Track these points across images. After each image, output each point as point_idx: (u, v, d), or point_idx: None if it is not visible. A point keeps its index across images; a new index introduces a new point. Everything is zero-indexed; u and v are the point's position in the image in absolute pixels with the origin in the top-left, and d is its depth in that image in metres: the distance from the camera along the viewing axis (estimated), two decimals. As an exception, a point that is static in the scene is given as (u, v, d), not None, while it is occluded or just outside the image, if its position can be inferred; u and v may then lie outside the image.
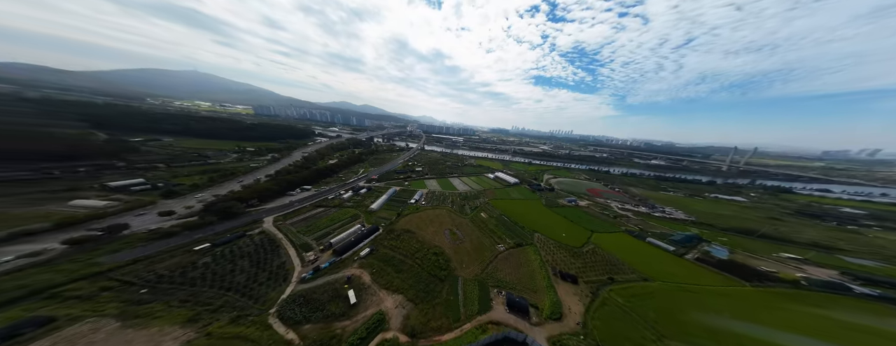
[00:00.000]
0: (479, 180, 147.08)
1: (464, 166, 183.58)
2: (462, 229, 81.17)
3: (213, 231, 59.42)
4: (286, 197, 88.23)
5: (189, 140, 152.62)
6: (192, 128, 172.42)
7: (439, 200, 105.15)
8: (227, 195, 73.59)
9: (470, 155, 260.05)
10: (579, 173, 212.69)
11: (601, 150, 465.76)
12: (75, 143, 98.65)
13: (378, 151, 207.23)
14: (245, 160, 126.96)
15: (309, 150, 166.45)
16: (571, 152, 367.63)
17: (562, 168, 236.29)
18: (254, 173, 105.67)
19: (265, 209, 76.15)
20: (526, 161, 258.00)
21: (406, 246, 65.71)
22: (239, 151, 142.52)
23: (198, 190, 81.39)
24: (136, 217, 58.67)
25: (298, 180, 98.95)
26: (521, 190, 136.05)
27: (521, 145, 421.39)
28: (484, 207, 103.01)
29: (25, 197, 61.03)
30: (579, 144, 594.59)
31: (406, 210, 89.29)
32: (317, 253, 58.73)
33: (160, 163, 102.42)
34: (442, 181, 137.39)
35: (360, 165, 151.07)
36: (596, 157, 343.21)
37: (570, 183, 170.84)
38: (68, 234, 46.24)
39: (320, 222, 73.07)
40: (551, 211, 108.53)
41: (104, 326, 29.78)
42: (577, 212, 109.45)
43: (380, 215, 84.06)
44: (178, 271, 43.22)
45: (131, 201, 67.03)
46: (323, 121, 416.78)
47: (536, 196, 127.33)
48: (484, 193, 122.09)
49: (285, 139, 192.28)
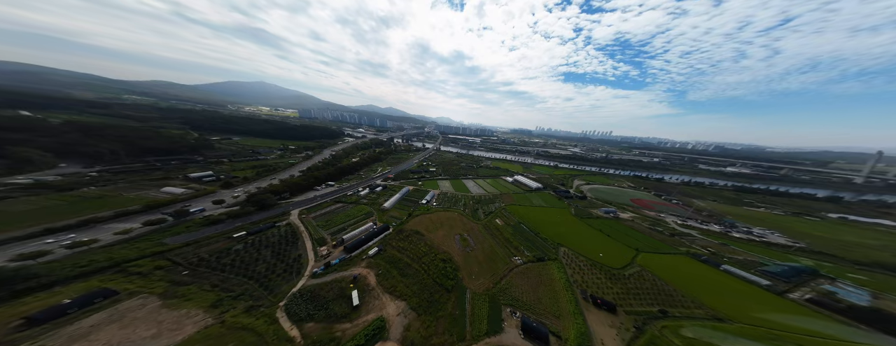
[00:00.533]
0: (496, 184, 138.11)
1: (479, 168, 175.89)
2: (474, 236, 76.30)
3: (250, 220, 67.73)
4: (312, 192, 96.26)
5: (249, 139, 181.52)
6: (253, 129, 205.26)
7: (451, 202, 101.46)
8: (265, 188, 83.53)
9: (487, 156, 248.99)
10: (621, 180, 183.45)
11: (651, 153, 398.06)
12: (175, 140, 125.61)
13: (396, 151, 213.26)
14: (285, 157, 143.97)
15: (337, 149, 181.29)
16: (609, 156, 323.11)
17: (597, 173, 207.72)
18: (291, 168, 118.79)
19: (294, 202, 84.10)
20: (551, 164, 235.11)
21: (414, 249, 64.29)
22: (282, 148, 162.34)
23: (247, 182, 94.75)
24: (198, 204, 70.87)
25: (324, 177, 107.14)
26: (544, 196, 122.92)
27: (545, 147, 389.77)
28: (500, 212, 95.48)
29: (136, 183, 79.40)
30: (621, 146, 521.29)
31: (417, 211, 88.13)
32: (329, 248, 61.78)
33: (224, 158, 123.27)
34: (455, 182, 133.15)
35: (379, 164, 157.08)
36: (643, 162, 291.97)
37: (609, 191, 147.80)
38: (149, 216, 58.04)
39: (337, 218, 77.17)
40: (582, 222, 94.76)
41: (149, 303, 35.80)
42: (617, 226, 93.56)
43: (391, 214, 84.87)
44: (215, 256, 49.92)
45: (201, 190, 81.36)
46: (352, 123, 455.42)
47: (564, 204, 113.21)
48: (500, 197, 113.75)
49: (319, 139, 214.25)
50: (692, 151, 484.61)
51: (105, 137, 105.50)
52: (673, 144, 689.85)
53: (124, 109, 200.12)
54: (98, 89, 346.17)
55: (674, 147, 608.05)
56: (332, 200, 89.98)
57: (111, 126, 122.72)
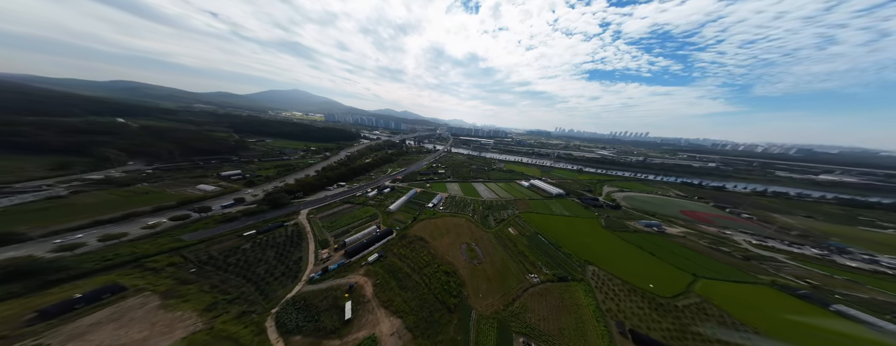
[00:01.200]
0: (509, 188, 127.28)
1: (491, 171, 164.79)
2: (482, 246, 68.88)
3: (263, 218, 70.47)
4: (324, 191, 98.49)
5: (280, 141, 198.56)
6: (283, 131, 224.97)
7: (459, 206, 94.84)
8: (281, 188, 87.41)
9: (500, 158, 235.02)
10: (665, 188, 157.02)
11: (704, 157, 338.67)
12: (218, 142, 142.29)
13: (407, 153, 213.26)
14: (307, 157, 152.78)
15: (352, 150, 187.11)
16: (648, 159, 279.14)
17: (632, 179, 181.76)
18: (309, 168, 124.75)
19: (305, 202, 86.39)
20: (574, 168, 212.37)
21: (416, 257, 59.70)
22: (305, 150, 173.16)
23: (268, 181, 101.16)
24: (221, 202, 76.54)
25: (336, 177, 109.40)
26: (567, 204, 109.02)
27: (568, 149, 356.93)
28: (513, 221, 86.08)
29: (180, 180, 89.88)
30: (662, 149, 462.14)
31: (423, 214, 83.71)
32: (330, 252, 60.50)
33: (255, 158, 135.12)
34: (464, 186, 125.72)
35: (389, 165, 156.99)
36: (694, 167, 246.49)
37: (649, 200, 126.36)
38: (179, 211, 63.61)
39: (343, 219, 76.56)
40: (616, 236, 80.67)
41: (150, 302, 37.20)
42: (662, 242, 77.80)
43: (396, 217, 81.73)
44: (223, 255, 51.64)
45: (228, 187, 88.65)
46: (369, 125, 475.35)
47: (592, 214, 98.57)
48: (514, 203, 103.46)
49: (338, 140, 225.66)
50: (764, 155, 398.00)
51: (165, 138, 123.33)
52: (735, 146, 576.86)
53: (189, 115, 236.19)
54: (177, 99, 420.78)
55: (735, 150, 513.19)
56: (341, 200, 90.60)
57: (173, 130, 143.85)
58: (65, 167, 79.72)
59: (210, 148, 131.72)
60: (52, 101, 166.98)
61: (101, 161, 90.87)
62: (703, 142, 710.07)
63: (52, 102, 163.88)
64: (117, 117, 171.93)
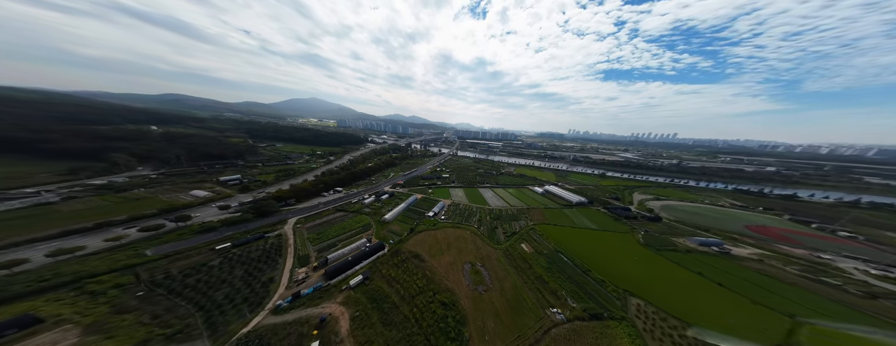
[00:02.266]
0: (520, 195, 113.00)
1: (499, 175, 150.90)
2: (490, 267, 56.51)
3: (246, 228, 64.44)
4: (319, 198, 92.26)
5: (290, 145, 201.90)
6: (294, 136, 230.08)
7: (463, 216, 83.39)
8: (272, 194, 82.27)
9: (509, 162, 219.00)
10: (714, 196, 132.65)
11: (757, 161, 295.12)
12: (228, 146, 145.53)
13: (412, 156, 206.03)
14: (310, 161, 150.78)
15: (356, 154, 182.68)
16: (684, 163, 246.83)
17: (669, 185, 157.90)
18: (309, 172, 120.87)
19: (297, 209, 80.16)
20: (595, 172, 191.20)
21: (408, 280, 49.16)
22: (311, 154, 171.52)
23: (265, 186, 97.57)
24: (207, 209, 72.23)
25: (334, 182, 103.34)
26: (591, 214, 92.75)
27: (585, 152, 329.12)
28: (527, 234, 72.69)
29: (178, 185, 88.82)
30: (696, 151, 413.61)
31: (421, 225, 73.61)
32: (308, 270, 51.88)
33: (259, 163, 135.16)
34: (470, 192, 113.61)
35: (392, 169, 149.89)
36: (746, 172, 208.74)
37: (696, 211, 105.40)
38: (156, 220, 59.42)
39: (332, 230, 68.40)
40: (661, 257, 64.25)
41: (64, 340, 30.31)
42: (731, 267, 60.17)
43: (391, 228, 72.02)
44: (183, 273, 44.95)
45: (222, 193, 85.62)
46: (378, 130, 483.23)
47: (625, 228, 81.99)
48: (527, 213, 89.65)
49: (345, 145, 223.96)
50: (833, 158, 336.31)
51: (178, 144, 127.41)
52: (789, 147, 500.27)
53: (215, 122, 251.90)
54: (211, 109, 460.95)
55: (791, 152, 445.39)
56: (335, 208, 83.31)
57: (190, 135, 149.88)
58: (74, 173, 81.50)
59: (219, 153, 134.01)
60: (100, 111, 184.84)
61: (111, 166, 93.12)
62: (744, 143, 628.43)
63: (99, 112, 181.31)
64: (152, 126, 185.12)
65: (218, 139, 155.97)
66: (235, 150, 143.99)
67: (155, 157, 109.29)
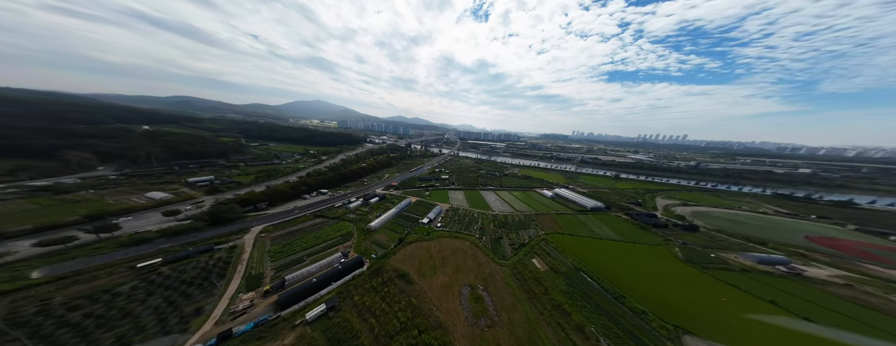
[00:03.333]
0: (527, 199, 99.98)
1: (503, 177, 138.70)
2: (495, 290, 44.01)
3: (194, 239, 52.70)
4: (298, 201, 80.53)
5: (283, 145, 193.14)
6: (290, 136, 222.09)
7: (463, 222, 70.86)
8: (237, 196, 70.67)
9: (513, 163, 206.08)
10: (751, 202, 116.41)
11: (784, 163, 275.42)
12: (212, 145, 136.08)
13: (411, 156, 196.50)
14: (300, 161, 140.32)
15: (351, 154, 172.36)
16: (703, 165, 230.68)
17: (695, 189, 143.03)
18: (295, 173, 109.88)
19: (267, 215, 68.38)
20: (608, 174, 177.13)
21: (387, 311, 37.09)
22: (303, 153, 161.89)
23: (240, 188, 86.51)
24: (139, 217, 58.47)
25: (319, 183, 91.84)
26: (612, 222, 79.54)
27: (592, 153, 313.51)
28: (539, 246, 59.91)
29: (137, 186, 77.88)
30: (711, 153, 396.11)
31: (412, 234, 61.43)
32: (256, 297, 39.44)
33: (242, 162, 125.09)
34: (470, 194, 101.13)
35: (387, 170, 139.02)
36: (777, 174, 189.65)
37: (737, 219, 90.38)
38: (80, 229, 47.92)
39: (303, 241, 56.22)
40: (709, 278, 50.61)
41: None
42: (813, 294, 45.61)
43: (377, 238, 59.68)
44: (68, 306, 32.89)
45: (186, 195, 74.59)
46: (379, 131, 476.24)
47: (655, 238, 68.29)
48: (536, 219, 76.90)
49: (341, 145, 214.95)
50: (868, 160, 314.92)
51: (158, 142, 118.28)
52: (812, 150, 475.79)
53: (212, 122, 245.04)
54: (216, 110, 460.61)
55: (814, 154, 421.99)
56: (314, 213, 71.39)
57: (173, 134, 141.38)
58: (13, 173, 71.55)
59: (201, 152, 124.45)
60: (92, 110, 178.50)
61: (63, 166, 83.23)
62: (760, 145, 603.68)
63: (90, 111, 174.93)
64: (144, 125, 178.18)
65: (204, 138, 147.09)
66: (220, 149, 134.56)
67: (122, 156, 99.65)
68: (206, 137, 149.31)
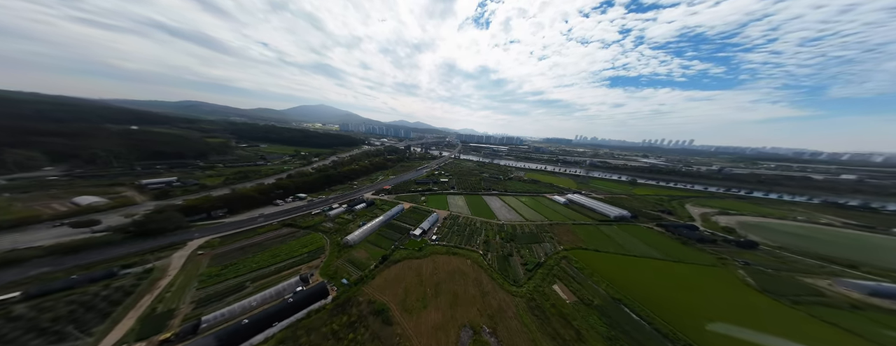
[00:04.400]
0: (537, 205, 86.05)
1: (508, 181, 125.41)
2: (505, 333, 31.30)
3: (102, 257, 39.58)
4: (268, 207, 67.33)
5: (275, 146, 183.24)
6: (285, 137, 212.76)
7: (463, 234, 57.20)
8: (186, 202, 57.75)
9: (517, 166, 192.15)
10: (802, 211, 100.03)
11: (813, 169, 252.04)
12: (192, 145, 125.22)
13: (410, 159, 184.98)
14: (287, 163, 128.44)
15: (344, 155, 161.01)
16: (726, 170, 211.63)
17: (726, 195, 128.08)
18: (279, 174, 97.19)
19: (222, 224, 55.35)
20: (623, 179, 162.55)
21: None
22: (294, 154, 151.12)
23: (204, 190, 74.13)
24: (38, 230, 43.83)
25: (297, 187, 79.19)
26: (643, 235, 65.34)
27: (599, 157, 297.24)
28: (559, 267, 46.62)
29: (74, 189, 64.70)
30: (725, 158, 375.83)
31: (401, 249, 48.57)
32: (143, 359, 25.86)
33: (220, 163, 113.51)
34: (472, 200, 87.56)
35: (382, 173, 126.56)
36: (817, 181, 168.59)
37: (799, 232, 75.02)
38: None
39: (255, 259, 42.79)
40: (798, 313, 36.22)
41: None
42: None
43: (354, 256, 46.23)
44: None
45: (126, 199, 62.15)
46: (380, 133, 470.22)
47: (706, 258, 53.82)
48: (551, 231, 62.92)
49: (336, 146, 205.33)
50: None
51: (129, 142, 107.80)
52: (834, 156, 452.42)
53: (207, 124, 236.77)
54: (221, 113, 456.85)
55: (837, 159, 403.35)
56: (281, 222, 58.26)
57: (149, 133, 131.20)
58: None
59: (176, 152, 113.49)
60: (78, 110, 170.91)
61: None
62: (771, 150, 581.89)
63: (76, 111, 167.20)
64: (133, 125, 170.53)
65: (187, 138, 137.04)
66: (200, 149, 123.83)
67: (76, 155, 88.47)
68: (190, 137, 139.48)
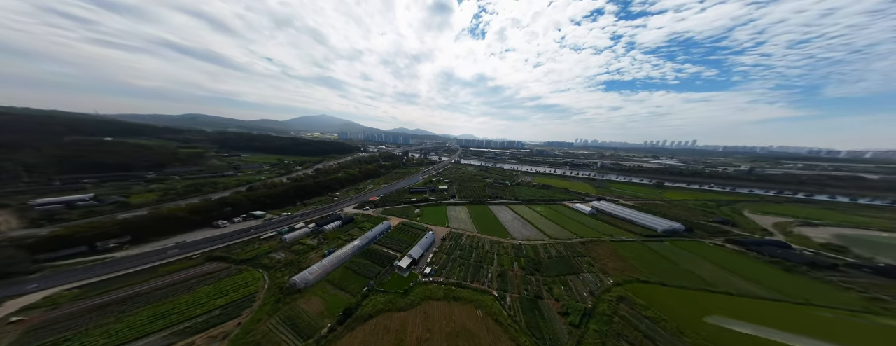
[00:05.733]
0: (557, 216, 67.74)
1: (516, 186, 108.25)
2: None
3: None
4: (201, 231, 49.69)
5: (258, 155, 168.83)
6: (272, 146, 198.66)
7: (468, 263, 39.64)
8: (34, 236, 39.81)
9: (523, 170, 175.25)
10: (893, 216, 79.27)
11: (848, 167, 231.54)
12: (151, 155, 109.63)
13: (406, 165, 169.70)
14: (263, 173, 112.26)
15: (332, 163, 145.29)
16: (757, 170, 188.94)
17: (783, 199, 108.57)
18: (238, 187, 79.91)
19: (113, 260, 37.91)
20: (647, 182, 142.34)
21: None
22: (276, 163, 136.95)
23: (123, 210, 57.52)
24: None
25: (253, 202, 61.68)
26: (713, 254, 47.28)
27: (609, 159, 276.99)
28: (620, 318, 26.71)
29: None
30: (736, 158, 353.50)
31: (374, 296, 31.31)
32: None
33: (177, 175, 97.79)
34: (477, 211, 69.58)
35: (371, 182, 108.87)
36: (871, 180, 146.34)
37: None
38: None
39: (123, 324, 24.44)
40: None
41: None
42: None
43: (302, 307, 28.85)
44: None
45: None
46: (378, 141, 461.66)
47: (848, 298, 31.75)
48: (586, 251, 45.60)
49: (328, 154, 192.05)
50: None
51: (61, 152, 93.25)
52: (856, 154, 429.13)
53: (193, 134, 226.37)
54: (219, 125, 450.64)
55: (860, 157, 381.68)
56: (207, 254, 40.54)
57: (90, 143, 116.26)
58: None
59: (122, 163, 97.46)
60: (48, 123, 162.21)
61: None
62: (779, 149, 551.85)
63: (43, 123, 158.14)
64: (106, 137, 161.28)
65: (148, 148, 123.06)
66: (159, 160, 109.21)
67: None
68: (151, 147, 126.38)
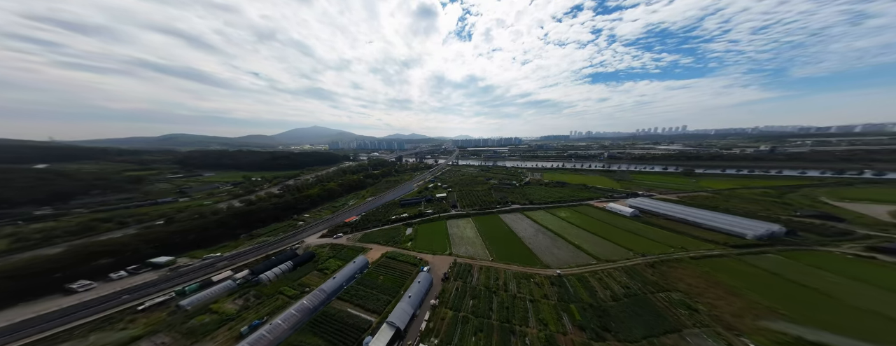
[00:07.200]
0: (590, 223, 49.67)
1: (525, 187, 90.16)
2: None
3: None
4: (43, 300, 26.49)
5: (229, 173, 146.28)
6: (242, 162, 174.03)
7: (487, 323, 21.25)
8: None
9: (527, 167, 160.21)
10: None
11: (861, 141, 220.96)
12: (45, 184, 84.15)
13: (399, 171, 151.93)
14: (217, 194, 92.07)
15: (311, 176, 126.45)
16: (779, 150, 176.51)
17: (854, 179, 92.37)
18: (156, 220, 57.41)
19: None
20: (672, 169, 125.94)
21: None
22: (241, 181, 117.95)
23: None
24: None
25: (156, 242, 39.70)
26: (873, 275, 25.24)
27: (610, 149, 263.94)
28: None
29: None
30: (750, 138, 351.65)
31: None
32: None
33: (82, 207, 73.37)
34: (486, 223, 52.02)
35: (353, 196, 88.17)
36: None
37: None
38: None
39: None
40: None
41: None
42: None
43: None
44: None
45: None
46: (371, 148, 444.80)
47: None
48: (666, 279, 26.45)
49: (309, 166, 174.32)
50: None
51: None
52: (846, 128, 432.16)
53: (152, 155, 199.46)
54: (199, 144, 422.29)
55: (851, 132, 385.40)
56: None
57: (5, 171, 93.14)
58: None
59: (4, 198, 73.08)
60: None
61: None
62: (765, 129, 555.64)
63: None
64: (39, 164, 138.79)
65: (59, 174, 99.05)
66: (71, 188, 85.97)
67: None
68: (68, 173, 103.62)
